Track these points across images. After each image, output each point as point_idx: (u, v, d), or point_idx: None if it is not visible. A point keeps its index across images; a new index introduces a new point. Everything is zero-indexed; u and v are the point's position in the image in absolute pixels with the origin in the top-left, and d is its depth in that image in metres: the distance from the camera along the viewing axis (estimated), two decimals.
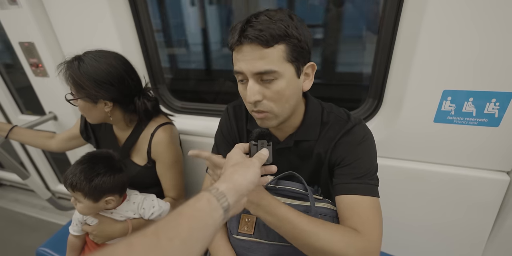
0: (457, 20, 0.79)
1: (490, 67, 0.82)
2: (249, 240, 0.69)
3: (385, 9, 0.94)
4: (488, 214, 1.00)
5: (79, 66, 0.87)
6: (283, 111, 0.66)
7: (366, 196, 0.66)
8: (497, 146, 0.92)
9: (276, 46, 0.59)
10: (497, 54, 0.80)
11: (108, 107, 0.94)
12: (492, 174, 0.96)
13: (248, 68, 0.61)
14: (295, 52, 0.61)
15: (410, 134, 0.99)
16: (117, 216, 0.94)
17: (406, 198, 1.08)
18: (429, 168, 1.01)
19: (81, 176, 0.83)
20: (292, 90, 0.65)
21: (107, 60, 0.90)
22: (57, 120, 1.59)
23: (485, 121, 0.90)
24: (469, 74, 0.85)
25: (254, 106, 0.65)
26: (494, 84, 0.84)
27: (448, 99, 0.90)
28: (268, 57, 0.59)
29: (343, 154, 0.71)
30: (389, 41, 0.96)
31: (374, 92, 1.08)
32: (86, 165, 0.85)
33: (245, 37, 0.58)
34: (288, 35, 0.59)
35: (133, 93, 0.97)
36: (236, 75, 0.66)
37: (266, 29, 0.57)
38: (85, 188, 0.83)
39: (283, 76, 0.62)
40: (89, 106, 0.93)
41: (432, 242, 1.13)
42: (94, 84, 0.88)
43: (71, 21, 1.25)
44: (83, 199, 0.85)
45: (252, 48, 0.59)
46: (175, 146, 1.06)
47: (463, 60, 0.83)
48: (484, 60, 0.81)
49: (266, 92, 0.63)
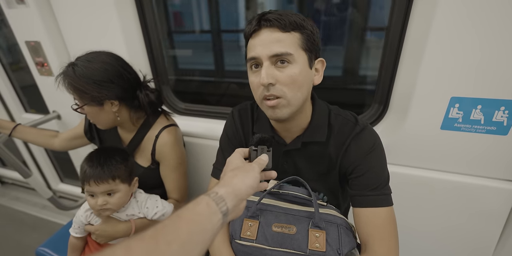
0: (466, 26, 0.78)
1: (499, 75, 0.81)
2: (251, 245, 0.68)
3: (392, 13, 0.93)
4: (495, 223, 0.98)
5: (74, 71, 0.87)
6: (295, 98, 0.66)
7: (383, 207, 0.68)
8: (505, 155, 0.91)
9: (292, 32, 0.63)
10: (507, 61, 0.79)
11: (115, 106, 0.94)
12: (500, 183, 0.94)
13: (265, 51, 0.63)
14: (309, 42, 0.65)
15: (416, 141, 0.98)
16: (122, 215, 0.93)
17: (411, 205, 1.06)
18: (435, 175, 1.00)
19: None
20: (304, 78, 0.66)
21: (99, 59, 0.90)
22: (61, 119, 1.60)
23: (494, 129, 0.88)
24: (478, 81, 0.84)
25: (267, 90, 0.64)
26: (503, 91, 0.83)
27: (455, 106, 0.89)
28: (285, 41, 0.62)
29: (355, 162, 0.71)
30: (396, 46, 0.95)
31: (380, 97, 1.06)
32: (109, 154, 0.88)
33: (266, 20, 0.62)
34: (303, 26, 0.64)
35: (134, 87, 0.97)
36: (249, 62, 0.67)
37: (285, 15, 0.62)
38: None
39: (297, 61, 0.64)
40: (96, 111, 0.93)
41: (437, 249, 1.12)
42: (95, 85, 0.87)
43: (77, 22, 1.26)
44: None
45: (271, 31, 0.63)
46: (180, 148, 1.06)
47: (472, 67, 0.82)
48: (493, 67, 0.80)
49: (279, 76, 0.63)
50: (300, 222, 0.69)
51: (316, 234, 0.66)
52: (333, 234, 0.67)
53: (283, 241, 0.66)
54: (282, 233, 0.67)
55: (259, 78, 0.64)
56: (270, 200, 0.75)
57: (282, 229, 0.68)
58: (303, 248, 0.65)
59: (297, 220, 0.69)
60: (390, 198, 0.71)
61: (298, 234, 0.67)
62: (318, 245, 0.65)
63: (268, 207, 0.73)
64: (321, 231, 0.66)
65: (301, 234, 0.67)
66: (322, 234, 0.66)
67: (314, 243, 0.65)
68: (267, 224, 0.69)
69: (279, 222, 0.69)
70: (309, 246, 0.65)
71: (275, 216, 0.71)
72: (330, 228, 0.68)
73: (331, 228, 0.68)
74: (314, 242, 0.65)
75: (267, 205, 0.74)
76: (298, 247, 0.65)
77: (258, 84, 0.65)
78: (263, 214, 0.71)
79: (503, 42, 0.77)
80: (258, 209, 0.72)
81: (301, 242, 0.65)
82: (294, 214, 0.71)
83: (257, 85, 0.66)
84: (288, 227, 0.68)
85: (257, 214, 0.71)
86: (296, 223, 0.69)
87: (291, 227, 0.68)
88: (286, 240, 0.66)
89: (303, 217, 0.70)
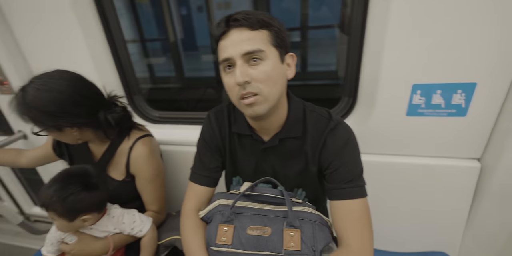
0: (421, 16, 0.82)
1: (453, 60, 0.86)
2: (227, 251, 0.67)
3: (352, 10, 0.97)
4: (464, 200, 1.04)
5: (24, 99, 0.80)
6: (272, 93, 0.66)
7: (358, 199, 0.71)
8: (466, 135, 0.96)
9: (261, 30, 0.64)
10: (460, 47, 0.84)
11: (74, 131, 0.88)
12: (464, 162, 1.00)
13: (236, 50, 0.63)
14: (278, 38, 0.66)
15: (385, 129, 1.02)
16: (96, 231, 0.90)
17: (384, 191, 1.10)
18: (405, 160, 1.05)
19: (54, 197, 0.79)
20: (278, 73, 0.67)
21: (50, 86, 0.81)
22: (27, 139, 1.51)
23: (454, 111, 0.94)
24: (436, 68, 0.88)
25: (243, 89, 0.65)
26: (459, 75, 0.88)
27: (417, 92, 0.94)
28: (255, 39, 0.64)
29: (330, 157, 0.73)
30: (359, 40, 0.99)
31: (348, 90, 1.10)
32: (59, 184, 0.81)
33: (233, 20, 0.63)
34: (270, 24, 0.65)
35: (95, 109, 0.89)
36: (222, 64, 0.67)
37: (252, 15, 0.64)
38: (58, 208, 0.79)
39: (269, 57, 0.65)
40: (57, 134, 0.89)
41: (413, 232, 1.17)
42: (46, 116, 0.80)
43: (38, 37, 1.20)
44: (57, 218, 0.82)
45: (240, 31, 0.64)
46: (156, 159, 1.03)
47: (429, 55, 0.87)
48: (447, 53, 0.85)
49: (253, 74, 0.64)
50: (275, 222, 0.69)
51: (291, 233, 0.67)
52: (308, 232, 0.68)
53: (259, 243, 0.66)
54: (257, 235, 0.67)
55: (234, 79, 0.64)
56: (245, 203, 0.75)
57: (257, 232, 0.67)
58: (279, 249, 0.65)
59: (272, 221, 0.70)
60: (365, 189, 0.73)
61: (273, 235, 0.67)
62: (293, 244, 0.65)
63: (243, 210, 0.73)
64: (296, 230, 0.67)
65: (276, 235, 0.67)
66: (296, 233, 0.67)
67: (289, 243, 0.65)
68: (242, 227, 0.69)
69: (254, 225, 0.69)
70: (284, 246, 0.65)
71: (250, 218, 0.71)
72: (305, 225, 0.69)
73: (306, 225, 0.69)
74: (289, 241, 0.66)
75: (242, 208, 0.73)
76: (273, 249, 0.65)
77: (234, 84, 0.65)
78: (238, 218, 0.71)
79: (455, 30, 0.82)
80: (233, 213, 0.72)
81: (276, 243, 0.66)
82: (269, 215, 0.71)
83: (232, 85, 0.66)
84: (263, 229, 0.68)
85: (231, 219, 0.71)
86: (271, 224, 0.69)
87: (266, 228, 0.68)
88: (262, 243, 0.66)
89: (278, 217, 0.71)
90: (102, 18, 1.19)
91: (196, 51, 2.46)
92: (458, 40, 0.83)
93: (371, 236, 0.70)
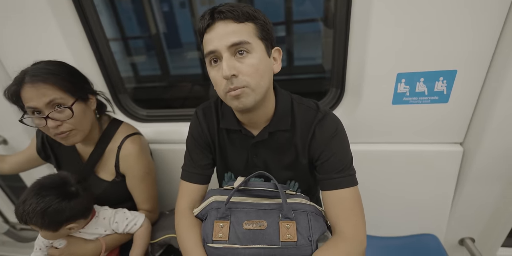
0: (402, 7, 0.84)
1: (435, 48, 0.88)
2: (224, 247, 0.67)
3: (336, 3, 0.98)
4: (449, 183, 1.09)
5: (48, 69, 0.81)
6: (259, 86, 0.66)
7: (349, 187, 0.72)
8: (449, 120, 1.00)
9: (246, 23, 0.64)
10: (440, 35, 0.86)
11: (94, 102, 0.92)
12: (448, 146, 1.04)
13: (222, 42, 0.62)
14: (263, 31, 0.66)
15: (372, 118, 1.05)
16: (86, 235, 0.88)
17: (372, 178, 1.14)
18: (392, 148, 1.08)
19: (30, 213, 0.74)
20: (265, 66, 0.66)
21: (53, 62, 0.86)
22: (7, 144, 1.44)
23: (436, 98, 0.97)
24: (418, 56, 0.91)
25: (231, 83, 0.64)
26: (440, 63, 0.91)
27: (402, 81, 0.96)
28: (240, 31, 0.63)
29: (320, 148, 0.74)
30: (344, 33, 1.00)
31: (336, 82, 1.12)
32: (34, 198, 0.76)
33: (219, 12, 0.62)
34: (256, 17, 0.65)
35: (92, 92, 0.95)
36: (208, 57, 0.66)
37: (237, 7, 0.63)
38: (38, 222, 0.76)
39: (255, 50, 0.64)
40: (83, 109, 0.87)
41: (401, 217, 1.22)
42: (79, 77, 0.87)
43: (12, 37, 1.13)
44: (40, 230, 0.79)
45: (225, 23, 0.63)
46: (146, 157, 1.01)
47: (411, 43, 0.89)
48: (429, 42, 0.88)
49: (240, 67, 0.63)
50: (270, 215, 0.70)
51: (287, 225, 0.67)
52: (303, 223, 0.69)
53: (255, 237, 0.67)
54: (253, 229, 0.67)
55: (220, 72, 0.63)
56: (240, 198, 0.75)
57: (253, 226, 0.68)
58: (275, 241, 0.66)
59: (267, 214, 0.70)
60: (355, 178, 0.75)
61: (269, 228, 0.68)
62: (289, 236, 0.66)
63: (238, 205, 0.73)
64: (291, 222, 0.68)
65: (272, 227, 0.68)
66: (292, 224, 0.68)
67: (285, 235, 0.66)
68: (238, 222, 0.69)
69: (250, 219, 0.69)
70: (281, 238, 0.66)
71: (246, 213, 0.71)
72: (300, 217, 0.70)
73: (301, 216, 0.70)
74: (285, 233, 0.67)
75: (236, 203, 0.74)
76: (270, 241, 0.66)
77: (221, 78, 0.64)
78: (233, 213, 0.71)
79: (437, 19, 0.84)
80: (228, 209, 0.72)
81: (272, 235, 0.67)
82: (264, 208, 0.72)
83: (219, 79, 0.65)
84: (258, 223, 0.68)
85: (227, 214, 0.71)
86: (267, 217, 0.69)
87: (261, 222, 0.68)
88: (258, 236, 0.67)
89: (273, 210, 0.71)
90: (81, 15, 1.14)
91: (181, 48, 2.41)
92: (439, 29, 0.86)
93: (363, 223, 0.72)
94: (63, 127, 0.82)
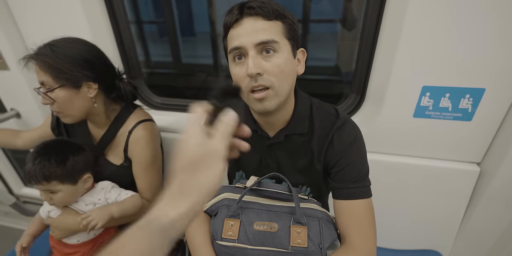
0: (437, 19, 0.82)
1: (465, 64, 0.86)
2: (233, 246, 0.66)
3: (368, 6, 0.95)
4: (460, 202, 1.07)
5: (52, 51, 0.81)
6: (282, 88, 0.64)
7: (363, 199, 0.71)
8: (469, 139, 0.98)
9: (275, 21, 0.62)
10: (471, 52, 0.84)
11: (92, 90, 0.87)
12: (464, 165, 1.02)
13: (250, 39, 0.60)
14: (291, 31, 0.65)
15: (390, 129, 1.02)
16: (81, 205, 0.90)
17: (383, 190, 1.12)
18: (407, 161, 1.06)
19: (52, 163, 0.79)
20: (289, 68, 0.65)
21: (80, 41, 0.87)
22: (21, 117, 1.46)
23: (460, 115, 0.94)
24: (446, 70, 0.88)
25: (255, 81, 0.62)
26: (468, 80, 0.88)
27: (427, 94, 0.94)
28: (269, 29, 0.61)
29: (337, 156, 0.73)
30: (372, 38, 0.97)
31: (357, 88, 1.09)
32: (49, 152, 0.81)
33: (248, 7, 0.61)
34: (285, 16, 0.63)
35: (113, 75, 0.93)
36: (232, 53, 0.64)
37: (268, 3, 0.61)
38: (61, 173, 0.80)
39: (282, 50, 0.63)
40: (71, 95, 0.84)
41: (409, 230, 1.20)
42: (76, 63, 0.82)
43: (34, 11, 1.13)
44: (61, 187, 0.82)
45: (254, 19, 0.61)
46: (155, 145, 1.01)
47: (442, 57, 0.86)
48: (459, 57, 0.85)
49: (266, 66, 0.62)
50: (281, 218, 0.69)
51: (298, 230, 0.67)
52: (315, 229, 0.68)
53: (265, 239, 0.66)
54: (264, 231, 0.67)
55: (244, 69, 0.61)
56: (251, 197, 0.74)
57: (264, 227, 0.67)
58: (285, 245, 0.65)
59: (279, 217, 0.69)
60: (370, 189, 0.73)
61: (280, 231, 0.67)
62: (300, 241, 0.65)
63: (249, 205, 0.72)
64: (303, 227, 0.67)
65: (283, 231, 0.67)
66: (303, 230, 0.67)
67: (296, 240, 0.65)
68: (249, 222, 0.68)
69: (261, 220, 0.68)
70: (291, 243, 0.65)
71: (257, 213, 0.70)
72: (312, 222, 0.69)
73: (313, 222, 0.69)
74: (296, 238, 0.66)
75: (248, 202, 0.73)
76: (280, 245, 0.65)
77: (244, 75, 0.62)
78: (244, 213, 0.70)
79: (468, 35, 0.81)
80: (239, 208, 0.71)
81: (283, 239, 0.66)
82: (276, 211, 0.71)
83: (242, 76, 0.63)
84: (270, 225, 0.68)
85: (238, 213, 0.70)
86: (278, 220, 0.69)
87: (272, 224, 0.68)
88: (268, 238, 0.66)
89: (285, 213, 0.70)
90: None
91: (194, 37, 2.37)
92: (472, 45, 0.83)
93: (374, 235, 0.70)
94: (53, 107, 0.87)
